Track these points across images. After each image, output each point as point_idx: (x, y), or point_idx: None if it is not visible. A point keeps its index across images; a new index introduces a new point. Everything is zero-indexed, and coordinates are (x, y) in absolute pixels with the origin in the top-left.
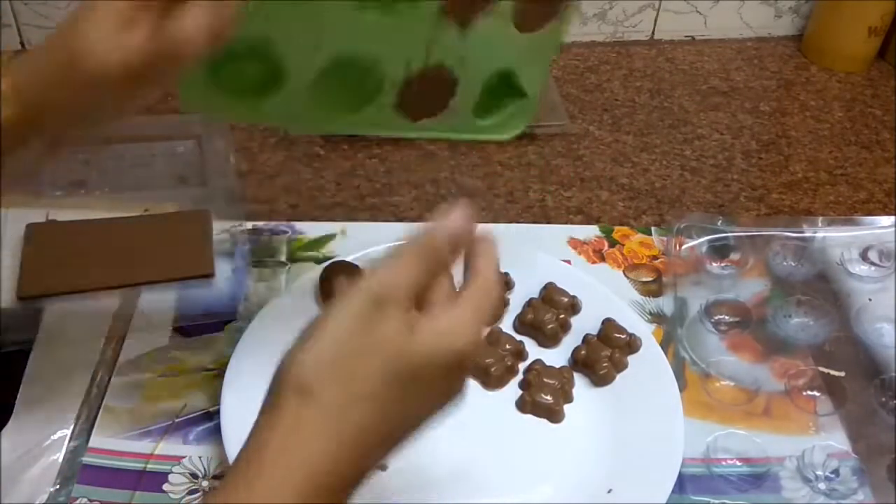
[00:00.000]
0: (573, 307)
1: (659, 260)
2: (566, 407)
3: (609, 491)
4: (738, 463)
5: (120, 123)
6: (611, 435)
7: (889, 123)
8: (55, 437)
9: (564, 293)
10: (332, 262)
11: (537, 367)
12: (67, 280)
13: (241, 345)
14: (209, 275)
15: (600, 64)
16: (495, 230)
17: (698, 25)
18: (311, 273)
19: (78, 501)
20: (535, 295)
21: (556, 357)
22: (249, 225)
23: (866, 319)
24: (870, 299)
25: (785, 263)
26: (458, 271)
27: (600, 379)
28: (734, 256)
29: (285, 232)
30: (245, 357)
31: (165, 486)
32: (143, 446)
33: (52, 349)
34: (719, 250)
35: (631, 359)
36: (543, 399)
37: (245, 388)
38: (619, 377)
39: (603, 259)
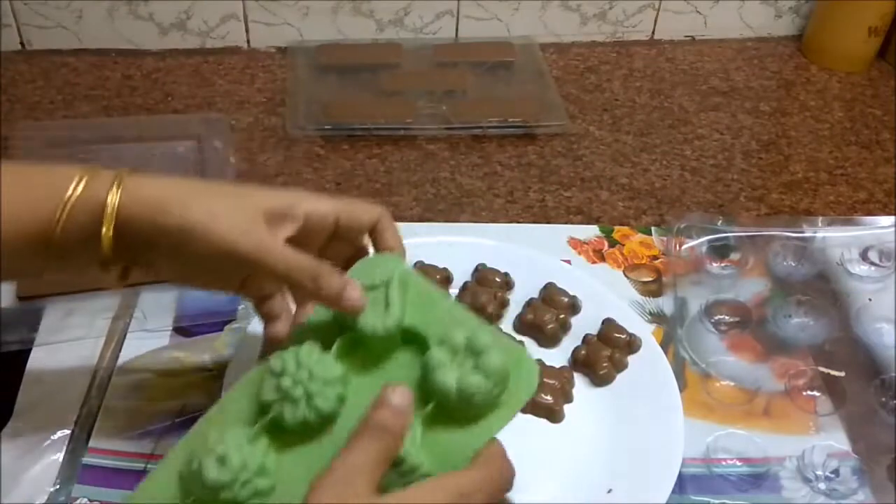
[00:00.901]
0: (573, 307)
1: (659, 260)
2: (566, 407)
3: (609, 491)
4: (738, 463)
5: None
6: (611, 435)
7: (889, 123)
8: (55, 437)
9: (564, 293)
10: None
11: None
12: (67, 280)
13: (241, 345)
14: None
15: (600, 64)
16: (495, 230)
17: (698, 25)
18: None
19: (78, 501)
20: (535, 295)
21: (556, 357)
22: None
23: (866, 319)
24: (870, 299)
25: (785, 263)
26: None
27: (600, 379)
28: (734, 256)
29: None
30: (245, 357)
31: None
32: (143, 446)
33: (52, 349)
34: (719, 250)
35: (631, 359)
36: (543, 399)
37: None
38: (619, 377)
39: (603, 259)
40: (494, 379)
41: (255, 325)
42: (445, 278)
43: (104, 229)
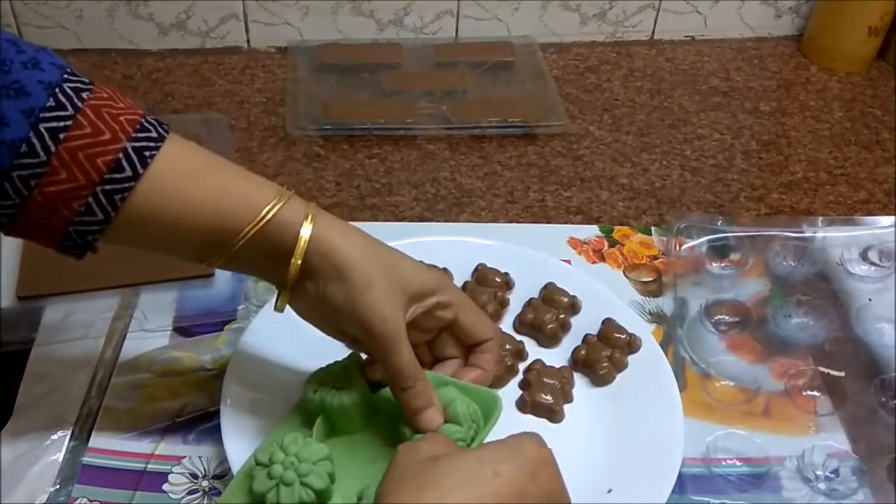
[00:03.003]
0: (573, 307)
1: (659, 260)
2: (566, 407)
3: (609, 491)
4: (738, 463)
5: None
6: (611, 435)
7: (889, 123)
8: (55, 437)
9: (564, 293)
10: None
11: (537, 367)
12: (67, 280)
13: (241, 345)
14: (209, 275)
15: (600, 64)
16: (495, 230)
17: (698, 25)
18: None
19: (78, 501)
20: (535, 295)
21: (556, 357)
22: None
23: (866, 319)
24: (870, 299)
25: (785, 263)
26: None
27: (600, 379)
28: (734, 256)
29: None
30: (245, 357)
31: (165, 486)
32: (143, 446)
33: (52, 349)
34: (719, 250)
35: (631, 359)
36: (543, 399)
37: (245, 388)
38: (619, 377)
39: (603, 259)
40: (467, 423)
41: (255, 326)
42: None
43: (294, 259)
